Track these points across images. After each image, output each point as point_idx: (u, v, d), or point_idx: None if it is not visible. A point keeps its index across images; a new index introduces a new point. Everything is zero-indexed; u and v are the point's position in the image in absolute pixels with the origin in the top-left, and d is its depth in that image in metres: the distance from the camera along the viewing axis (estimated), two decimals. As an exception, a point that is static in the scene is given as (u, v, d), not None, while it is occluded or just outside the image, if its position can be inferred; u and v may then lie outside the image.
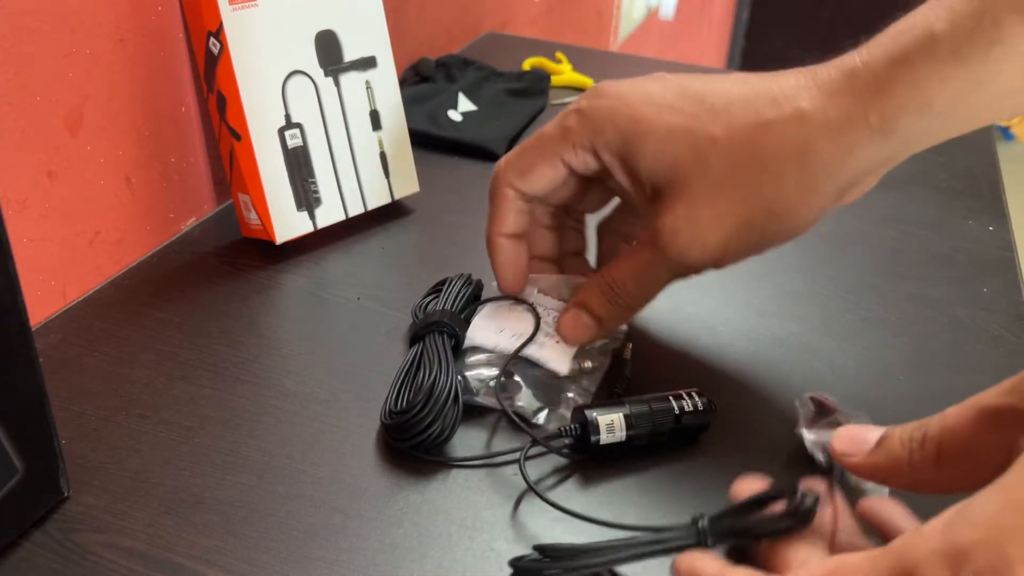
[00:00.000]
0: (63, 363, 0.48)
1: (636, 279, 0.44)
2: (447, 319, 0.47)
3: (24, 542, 0.37)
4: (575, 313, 0.46)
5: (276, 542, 0.38)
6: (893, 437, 0.34)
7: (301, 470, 0.41)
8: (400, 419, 0.41)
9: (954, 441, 0.31)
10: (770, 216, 0.40)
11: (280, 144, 0.57)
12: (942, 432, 0.32)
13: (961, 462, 0.31)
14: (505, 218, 0.47)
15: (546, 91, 0.84)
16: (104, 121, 0.52)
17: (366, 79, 0.61)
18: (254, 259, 0.58)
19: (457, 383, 0.43)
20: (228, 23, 0.53)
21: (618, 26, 1.66)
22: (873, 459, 0.34)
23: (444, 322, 0.47)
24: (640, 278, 0.44)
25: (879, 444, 0.34)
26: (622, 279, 0.44)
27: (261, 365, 0.48)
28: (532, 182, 0.46)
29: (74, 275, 0.53)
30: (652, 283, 0.44)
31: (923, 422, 0.33)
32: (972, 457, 0.31)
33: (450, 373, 0.43)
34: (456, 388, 0.43)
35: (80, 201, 0.52)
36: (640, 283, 0.44)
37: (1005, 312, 0.55)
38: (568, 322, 0.46)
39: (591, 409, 0.42)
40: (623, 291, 0.44)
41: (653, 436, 0.42)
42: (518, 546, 0.38)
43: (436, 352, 0.45)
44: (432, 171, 0.69)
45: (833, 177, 0.40)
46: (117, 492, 0.40)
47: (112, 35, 0.51)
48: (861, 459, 0.34)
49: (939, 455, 0.32)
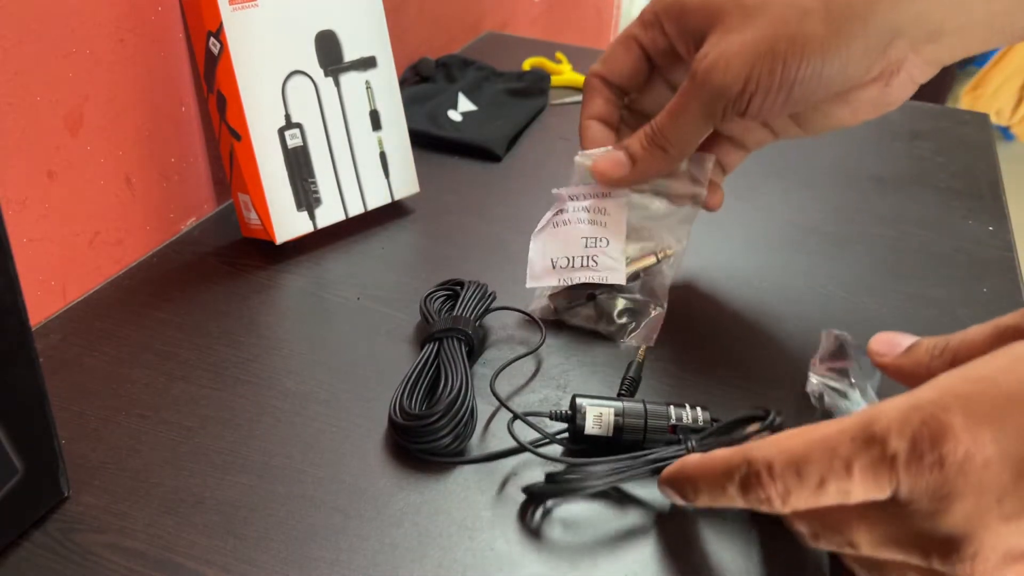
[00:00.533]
0: (63, 363, 0.48)
1: (671, 116, 0.45)
2: (467, 327, 0.47)
3: (24, 542, 0.37)
4: (613, 154, 0.48)
5: (276, 542, 0.38)
6: (920, 345, 0.38)
7: (301, 470, 0.41)
8: (415, 423, 0.41)
9: (969, 352, 0.35)
10: (793, 46, 0.41)
11: (280, 144, 0.57)
12: (961, 344, 0.36)
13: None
14: (592, 102, 0.50)
15: (546, 91, 0.84)
16: (104, 121, 0.52)
17: (366, 79, 0.61)
18: (254, 259, 0.58)
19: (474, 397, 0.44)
20: (228, 23, 0.53)
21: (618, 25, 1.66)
22: (900, 361, 0.38)
23: (462, 329, 0.47)
24: (675, 114, 0.45)
25: (909, 349, 0.38)
26: (659, 120, 0.46)
27: (261, 365, 0.48)
28: (611, 65, 0.49)
29: (74, 275, 0.53)
30: (686, 119, 0.45)
31: (948, 336, 0.37)
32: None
33: (470, 386, 0.44)
34: (474, 403, 0.44)
35: (80, 201, 0.52)
36: (675, 120, 0.45)
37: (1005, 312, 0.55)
38: (605, 160, 0.48)
39: (585, 398, 0.42)
40: (659, 130, 0.46)
41: (646, 437, 0.42)
42: (518, 545, 0.38)
43: (454, 360, 0.45)
44: (432, 171, 0.69)
45: (860, 23, 0.40)
46: (117, 492, 0.40)
47: (112, 35, 0.51)
48: (891, 360, 0.38)
49: (954, 363, 0.35)
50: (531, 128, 0.79)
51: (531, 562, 0.37)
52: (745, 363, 0.50)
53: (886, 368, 0.39)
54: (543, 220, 0.52)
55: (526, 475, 0.42)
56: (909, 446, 0.28)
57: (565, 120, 0.81)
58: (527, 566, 0.37)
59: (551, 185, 0.51)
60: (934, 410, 0.29)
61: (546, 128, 0.79)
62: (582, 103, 0.51)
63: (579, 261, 0.50)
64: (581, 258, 0.50)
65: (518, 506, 0.40)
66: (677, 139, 0.46)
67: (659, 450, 0.40)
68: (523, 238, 0.52)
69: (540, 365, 0.49)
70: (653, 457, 0.39)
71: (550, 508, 0.40)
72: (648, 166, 0.47)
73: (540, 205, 0.52)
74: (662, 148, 0.46)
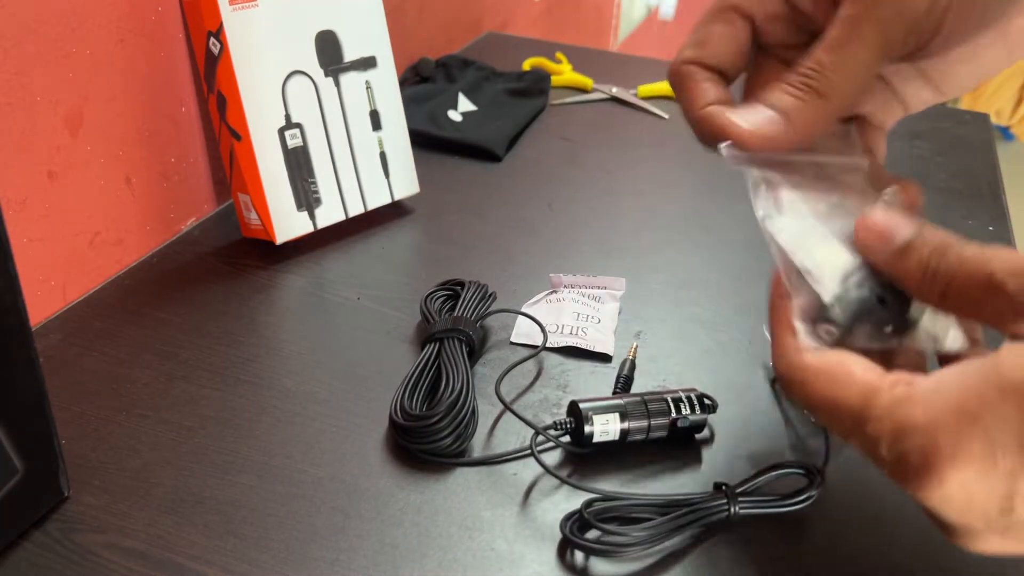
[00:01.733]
0: (63, 363, 0.48)
1: (834, 49, 0.35)
2: (468, 328, 0.47)
3: (24, 542, 0.37)
4: (760, 111, 0.36)
5: (276, 542, 0.38)
6: (913, 254, 0.33)
7: (301, 470, 0.41)
8: (416, 423, 0.41)
9: (960, 292, 0.31)
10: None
11: (280, 144, 0.57)
12: (954, 275, 0.32)
13: (959, 309, 0.32)
14: (698, 91, 0.38)
15: (546, 91, 0.84)
16: (104, 121, 0.52)
17: (366, 79, 0.61)
18: (254, 259, 0.58)
19: (475, 398, 0.44)
20: (228, 23, 0.53)
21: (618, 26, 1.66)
22: (891, 262, 0.33)
23: (463, 330, 0.47)
24: (841, 44, 0.34)
25: (903, 252, 0.33)
26: (817, 57, 0.35)
27: (261, 365, 0.48)
28: (708, 47, 0.38)
29: (74, 275, 0.53)
30: (857, 51, 0.34)
31: (944, 246, 0.32)
32: (969, 311, 0.32)
33: (471, 387, 0.44)
34: (475, 404, 0.44)
35: (80, 201, 0.52)
36: (841, 53, 0.34)
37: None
38: (753, 118, 0.36)
39: (586, 403, 0.42)
40: (821, 69, 0.35)
41: (649, 434, 0.42)
42: (518, 546, 0.38)
43: (455, 360, 0.45)
44: (432, 171, 0.69)
45: None
46: (117, 492, 0.40)
47: (112, 35, 0.51)
48: (882, 258, 0.34)
49: (944, 295, 0.32)
50: (531, 128, 0.79)
51: (531, 562, 0.37)
52: (741, 362, 0.50)
53: (875, 265, 0.34)
54: (536, 298, 0.53)
55: (526, 476, 0.42)
56: None
57: (565, 120, 0.81)
58: (527, 566, 0.37)
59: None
60: None
61: (546, 128, 0.79)
62: (682, 98, 0.39)
63: (568, 329, 0.51)
64: (571, 328, 0.51)
65: (518, 507, 0.40)
66: (842, 81, 0.35)
67: (700, 506, 0.38)
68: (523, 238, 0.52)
69: (540, 365, 0.49)
70: (697, 518, 0.38)
71: (550, 509, 0.40)
72: (807, 120, 0.35)
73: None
74: (821, 94, 0.35)
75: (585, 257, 0.59)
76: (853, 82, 0.35)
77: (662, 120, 0.81)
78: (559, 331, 0.51)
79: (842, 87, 0.35)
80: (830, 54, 0.35)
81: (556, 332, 0.50)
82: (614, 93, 0.85)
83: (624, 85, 0.86)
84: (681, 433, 0.43)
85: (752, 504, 0.38)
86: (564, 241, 0.61)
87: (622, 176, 0.71)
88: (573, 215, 0.64)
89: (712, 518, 0.38)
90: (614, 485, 0.42)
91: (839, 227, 0.36)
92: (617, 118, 0.82)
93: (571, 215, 0.64)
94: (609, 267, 0.58)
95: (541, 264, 0.58)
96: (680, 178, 0.71)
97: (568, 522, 0.37)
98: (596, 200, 0.67)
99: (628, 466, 0.43)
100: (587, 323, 0.51)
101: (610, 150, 0.75)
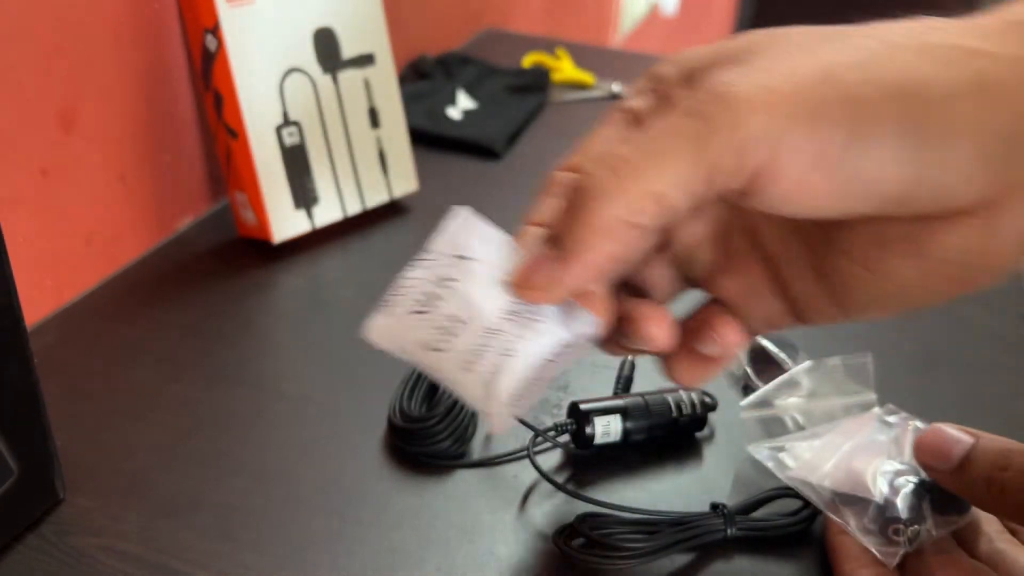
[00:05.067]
0: (58, 364, 0.47)
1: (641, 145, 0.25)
2: None
3: (18, 545, 0.37)
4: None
5: (273, 546, 0.37)
6: (974, 470, 0.33)
7: (298, 473, 0.41)
8: (415, 426, 0.41)
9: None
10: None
11: (277, 142, 0.56)
12: (1020, 491, 0.31)
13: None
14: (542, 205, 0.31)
15: (546, 88, 0.83)
16: (99, 119, 0.52)
17: (364, 76, 0.60)
18: (251, 258, 0.57)
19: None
20: (225, 20, 0.53)
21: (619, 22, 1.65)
22: (955, 481, 0.34)
23: None
24: (653, 140, 0.25)
25: (963, 468, 0.33)
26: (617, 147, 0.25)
27: (258, 366, 0.48)
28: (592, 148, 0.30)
29: (69, 275, 0.52)
30: (671, 155, 0.24)
31: (1004, 458, 0.32)
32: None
33: None
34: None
35: (75, 200, 0.51)
36: (649, 153, 0.24)
37: (1010, 312, 0.55)
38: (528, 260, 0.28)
39: (587, 404, 0.42)
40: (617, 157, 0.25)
41: (651, 433, 0.42)
42: (518, 549, 0.38)
43: None
44: (431, 169, 0.68)
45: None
46: (112, 495, 0.39)
47: (107, 32, 0.51)
48: (945, 476, 0.34)
49: (1016, 511, 0.32)
50: (531, 125, 0.78)
51: (531, 566, 0.37)
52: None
53: (943, 483, 0.35)
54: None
55: (526, 478, 0.41)
56: None
57: (566, 117, 0.80)
58: (527, 570, 0.37)
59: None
60: None
61: (546, 125, 0.79)
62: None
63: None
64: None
65: (518, 510, 0.40)
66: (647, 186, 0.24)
67: (696, 525, 0.38)
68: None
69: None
70: (692, 536, 0.37)
71: (551, 512, 0.40)
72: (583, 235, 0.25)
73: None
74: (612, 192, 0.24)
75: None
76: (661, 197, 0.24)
77: (663, 117, 0.81)
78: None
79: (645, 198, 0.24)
80: (633, 149, 0.25)
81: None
82: (615, 90, 0.85)
83: (626, 82, 0.86)
84: (682, 431, 0.43)
85: (749, 527, 0.38)
86: (564, 240, 0.61)
87: (623, 174, 0.71)
88: (573, 213, 0.64)
89: (708, 538, 0.37)
90: (615, 486, 0.41)
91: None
92: (617, 115, 0.81)
93: (571, 213, 0.64)
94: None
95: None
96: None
97: (561, 536, 0.37)
98: (596, 198, 0.66)
99: (629, 466, 0.42)
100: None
101: (610, 148, 0.75)
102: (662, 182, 0.24)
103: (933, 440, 0.34)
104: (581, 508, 0.38)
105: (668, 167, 0.24)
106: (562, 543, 0.36)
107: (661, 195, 0.24)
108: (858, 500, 0.36)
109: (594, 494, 0.40)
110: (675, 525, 0.37)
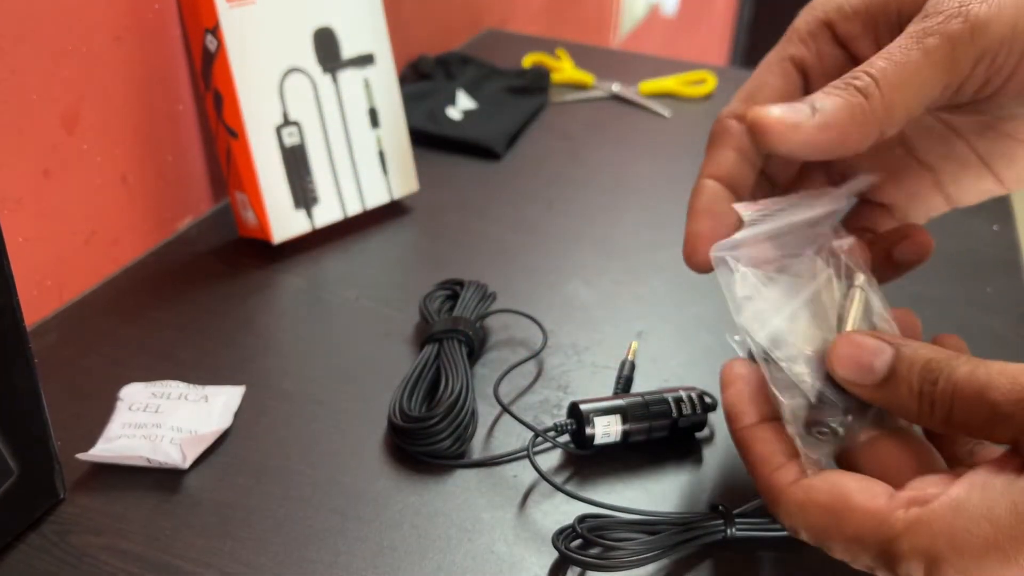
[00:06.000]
0: (59, 364, 0.47)
1: (894, 55, 0.31)
2: (468, 328, 0.47)
3: (19, 544, 0.37)
4: (795, 104, 0.32)
5: (273, 544, 0.37)
6: (900, 384, 0.30)
7: (299, 471, 0.41)
8: (415, 425, 0.41)
9: (964, 422, 0.29)
10: None
11: (277, 142, 0.56)
12: (951, 405, 0.29)
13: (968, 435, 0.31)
14: (718, 155, 0.36)
15: (546, 88, 0.83)
16: (100, 119, 0.52)
17: (364, 76, 0.60)
18: (251, 258, 0.57)
19: (475, 399, 0.43)
20: (225, 20, 0.53)
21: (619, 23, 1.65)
22: (878, 395, 0.31)
23: (463, 330, 0.47)
24: (901, 52, 0.31)
25: (888, 382, 0.31)
26: (872, 60, 0.32)
27: (258, 366, 0.48)
28: (761, 101, 0.35)
29: (70, 275, 0.52)
30: (920, 67, 0.31)
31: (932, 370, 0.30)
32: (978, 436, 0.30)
33: (470, 388, 0.43)
34: (474, 405, 0.43)
35: (76, 200, 0.51)
36: (898, 61, 0.31)
37: (1009, 312, 0.55)
38: (776, 109, 0.32)
39: (587, 404, 0.42)
40: (871, 71, 0.31)
41: (651, 434, 0.42)
42: (518, 548, 0.38)
43: (455, 361, 0.45)
44: (431, 169, 0.68)
45: None
46: (113, 494, 0.40)
47: (109, 33, 0.51)
48: (868, 391, 0.31)
49: (947, 423, 0.30)
50: (531, 126, 0.78)
51: (531, 565, 0.37)
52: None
53: (864, 398, 0.32)
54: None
55: (526, 478, 0.41)
56: None
57: (566, 118, 0.81)
58: (527, 569, 0.37)
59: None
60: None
61: (547, 126, 0.79)
62: (707, 155, 0.36)
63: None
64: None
65: (518, 509, 0.40)
66: (892, 90, 0.31)
67: (696, 526, 0.37)
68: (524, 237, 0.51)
69: (541, 366, 0.49)
70: (692, 536, 0.37)
71: (550, 511, 0.40)
72: (842, 120, 0.31)
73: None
74: (867, 95, 0.31)
75: (585, 256, 0.59)
76: (904, 95, 0.31)
77: (664, 118, 0.81)
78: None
79: (891, 96, 0.31)
80: (886, 60, 0.31)
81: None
82: (615, 91, 0.85)
83: (625, 82, 0.86)
84: (682, 432, 0.43)
85: (750, 527, 0.38)
86: (565, 240, 0.61)
87: (623, 174, 0.71)
88: (574, 213, 0.64)
89: (708, 539, 0.37)
90: (614, 487, 0.41)
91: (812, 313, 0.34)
92: (618, 116, 0.81)
93: (572, 213, 0.64)
94: (610, 266, 0.58)
95: (541, 263, 0.58)
96: (682, 176, 0.71)
97: (560, 536, 0.37)
98: (597, 198, 0.66)
99: (629, 466, 0.42)
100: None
101: (611, 148, 0.75)
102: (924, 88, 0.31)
103: (850, 352, 0.31)
104: (581, 508, 0.38)
105: (925, 75, 0.31)
106: (562, 543, 0.36)
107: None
108: (794, 388, 0.32)
109: (594, 494, 0.40)
110: (675, 525, 0.37)
